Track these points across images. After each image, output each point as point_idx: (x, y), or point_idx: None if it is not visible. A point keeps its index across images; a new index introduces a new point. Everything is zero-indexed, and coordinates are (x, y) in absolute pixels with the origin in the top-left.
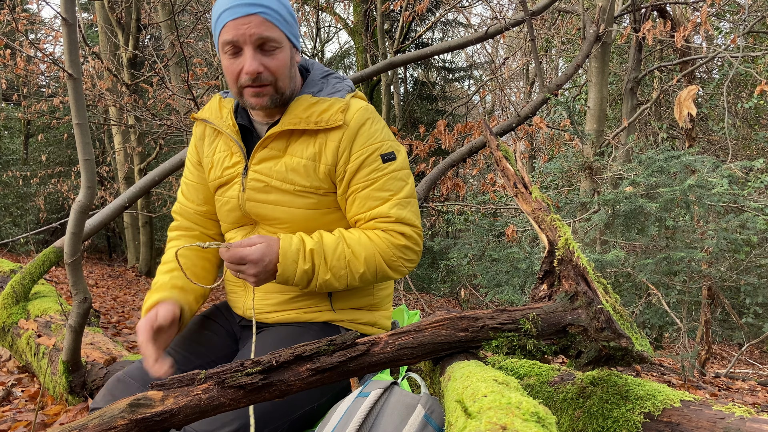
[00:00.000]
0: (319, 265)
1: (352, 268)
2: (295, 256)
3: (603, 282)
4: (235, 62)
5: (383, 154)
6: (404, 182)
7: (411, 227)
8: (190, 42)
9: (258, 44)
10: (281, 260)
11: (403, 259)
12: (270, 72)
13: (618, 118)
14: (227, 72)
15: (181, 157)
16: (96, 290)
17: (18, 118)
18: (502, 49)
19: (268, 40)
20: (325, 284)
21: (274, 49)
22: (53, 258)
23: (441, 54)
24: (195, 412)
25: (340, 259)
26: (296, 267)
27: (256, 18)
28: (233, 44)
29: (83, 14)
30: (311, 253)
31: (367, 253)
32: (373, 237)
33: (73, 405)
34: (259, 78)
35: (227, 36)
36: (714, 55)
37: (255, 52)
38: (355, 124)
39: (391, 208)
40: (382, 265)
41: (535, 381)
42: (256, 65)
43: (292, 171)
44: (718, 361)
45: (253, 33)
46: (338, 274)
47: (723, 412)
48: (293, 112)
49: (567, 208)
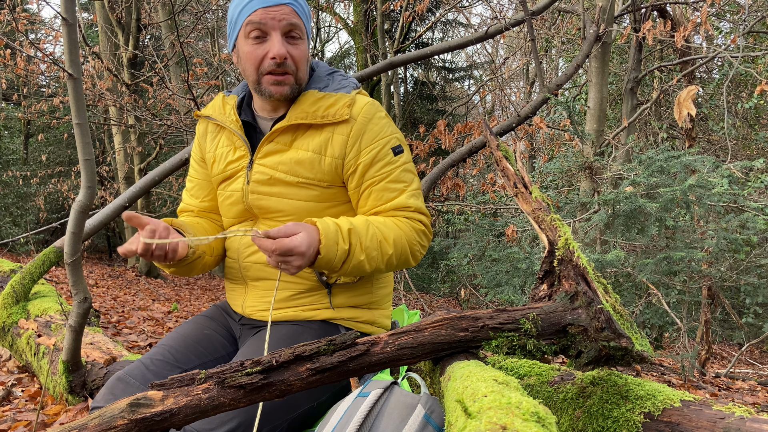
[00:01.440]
0: (355, 245)
1: (383, 250)
2: (335, 237)
3: (603, 282)
4: (260, 47)
5: (393, 147)
6: (413, 174)
7: (425, 216)
8: (190, 42)
9: (286, 30)
10: (324, 242)
11: (420, 245)
12: (293, 60)
13: (618, 118)
14: (249, 57)
15: (182, 156)
16: (96, 290)
17: (18, 118)
18: (502, 49)
19: (296, 27)
20: (358, 265)
21: (299, 38)
22: (53, 258)
23: (441, 54)
24: (195, 411)
25: (373, 239)
26: (337, 248)
27: (287, 8)
28: (261, 27)
29: (83, 14)
30: (348, 233)
31: (395, 234)
32: (397, 222)
33: (73, 405)
34: (284, 64)
35: (256, 18)
36: (714, 55)
37: (282, 38)
38: (363, 118)
39: (409, 198)
40: (406, 248)
41: (535, 381)
42: (284, 49)
43: (297, 163)
44: (718, 361)
45: (284, 18)
46: (371, 255)
47: (723, 412)
48: (300, 106)
49: (567, 208)
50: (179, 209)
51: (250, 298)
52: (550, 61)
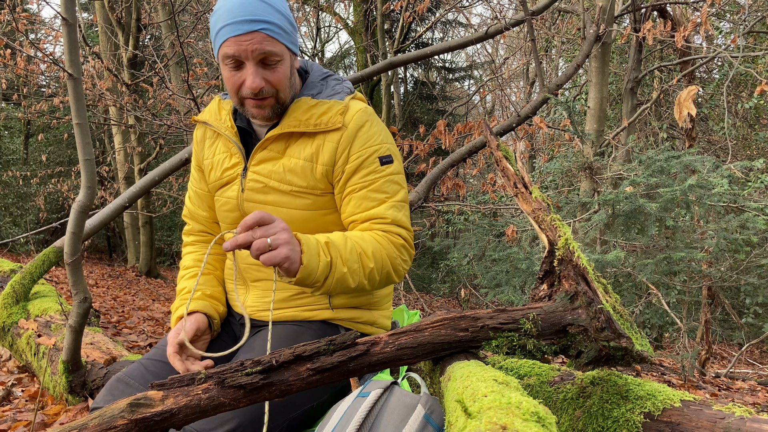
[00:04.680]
0: (336, 258)
1: (363, 263)
2: (316, 248)
3: (603, 282)
4: (236, 75)
5: (381, 156)
6: (400, 186)
7: (405, 230)
8: (190, 42)
9: (260, 59)
10: (305, 250)
11: (401, 259)
12: (271, 85)
13: (618, 118)
14: (228, 83)
15: (181, 157)
16: (96, 290)
17: (18, 118)
18: (502, 49)
19: (270, 54)
20: (341, 279)
21: (276, 62)
22: (53, 258)
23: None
24: (195, 411)
25: (353, 252)
26: (318, 260)
27: (259, 35)
28: (235, 59)
29: (83, 14)
30: (327, 246)
31: (374, 248)
32: (374, 236)
33: (73, 405)
34: (261, 92)
35: (228, 50)
36: (714, 55)
37: (257, 68)
38: (354, 125)
39: (387, 209)
40: (387, 262)
41: (535, 381)
42: (258, 81)
43: (290, 172)
44: (718, 361)
45: (255, 49)
46: (353, 267)
47: (723, 412)
48: (293, 114)
49: (567, 208)
50: (184, 214)
51: (251, 299)
52: (550, 61)
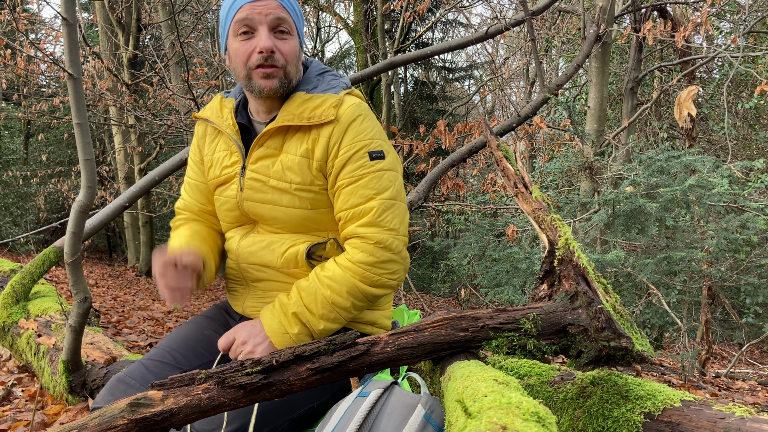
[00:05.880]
0: (308, 322)
1: (339, 306)
2: (280, 328)
3: (603, 282)
4: (247, 43)
5: (371, 151)
6: (390, 183)
7: (391, 232)
8: (190, 42)
9: (273, 25)
10: (272, 337)
11: (387, 274)
12: (282, 54)
13: (618, 118)
14: (238, 54)
15: (182, 156)
16: (96, 290)
17: (18, 118)
18: (502, 49)
19: (283, 22)
20: (326, 330)
21: (287, 33)
22: (53, 258)
23: (441, 54)
24: (195, 411)
25: (324, 305)
26: (289, 336)
27: (274, 2)
28: (248, 24)
29: (83, 14)
30: (295, 317)
31: (348, 285)
32: (348, 266)
33: (73, 405)
34: (271, 57)
35: (242, 14)
36: (714, 55)
37: (270, 33)
38: (346, 119)
39: (373, 207)
40: (367, 289)
41: (535, 381)
42: (270, 42)
43: (287, 169)
44: (719, 361)
45: (270, 13)
46: (330, 317)
47: (723, 412)
48: (287, 109)
49: (567, 208)
50: (177, 206)
51: (251, 299)
52: (550, 61)
